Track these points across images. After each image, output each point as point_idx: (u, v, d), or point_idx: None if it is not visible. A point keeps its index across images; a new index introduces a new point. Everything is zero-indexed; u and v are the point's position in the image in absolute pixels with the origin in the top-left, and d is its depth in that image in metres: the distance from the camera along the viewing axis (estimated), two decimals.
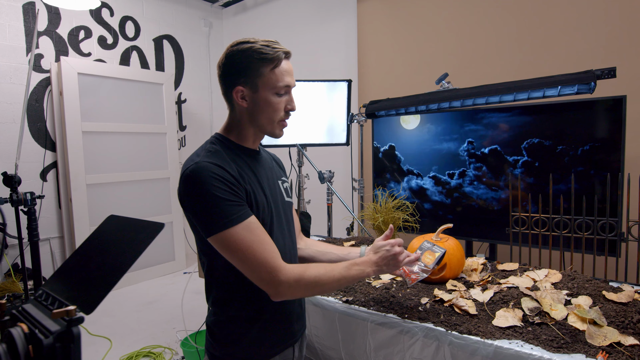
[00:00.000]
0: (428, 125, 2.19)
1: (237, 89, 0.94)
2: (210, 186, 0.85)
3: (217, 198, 0.84)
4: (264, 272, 0.86)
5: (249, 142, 1.01)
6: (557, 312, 1.04)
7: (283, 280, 0.86)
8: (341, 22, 3.50)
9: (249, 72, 0.92)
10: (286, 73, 0.95)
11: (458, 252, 1.34)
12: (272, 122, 0.97)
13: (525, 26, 2.54)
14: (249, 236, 0.85)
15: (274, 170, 1.09)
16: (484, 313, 1.10)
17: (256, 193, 0.94)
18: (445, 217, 2.18)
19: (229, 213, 0.85)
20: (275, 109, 0.95)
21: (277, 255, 0.89)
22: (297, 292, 0.91)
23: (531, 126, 1.91)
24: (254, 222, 0.89)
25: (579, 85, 1.50)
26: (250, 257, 0.85)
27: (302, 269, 0.90)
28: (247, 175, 0.94)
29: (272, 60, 0.92)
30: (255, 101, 0.94)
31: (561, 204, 1.60)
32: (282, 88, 0.94)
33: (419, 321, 1.09)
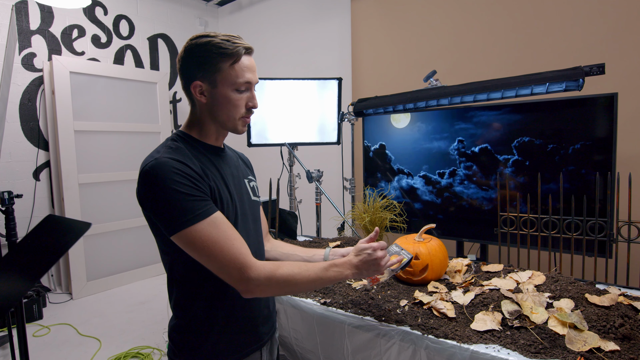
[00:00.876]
0: (418, 124, 2.16)
1: (195, 83, 0.91)
2: (172, 182, 0.81)
3: (180, 194, 0.81)
4: (234, 269, 0.82)
5: (211, 139, 0.98)
6: (538, 315, 1.00)
7: (253, 277, 0.83)
8: (335, 20, 3.47)
9: (207, 67, 0.89)
10: (247, 69, 0.91)
11: (441, 253, 1.31)
12: (233, 119, 0.94)
13: (518, 23, 2.51)
14: (216, 232, 0.82)
15: (239, 169, 1.06)
16: (463, 316, 1.07)
17: (220, 190, 0.91)
18: (435, 216, 2.15)
19: (192, 209, 0.81)
20: (235, 106, 0.92)
21: (246, 251, 0.85)
22: (269, 290, 0.87)
23: (522, 124, 1.87)
24: (220, 217, 0.85)
25: (567, 82, 1.47)
26: (218, 254, 0.82)
27: (274, 267, 0.87)
28: (211, 172, 0.92)
29: (232, 55, 0.89)
30: (214, 97, 0.91)
31: (549, 204, 1.56)
32: (242, 84, 0.91)
33: (395, 324, 1.06)
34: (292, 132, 2.51)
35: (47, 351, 2.47)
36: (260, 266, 0.85)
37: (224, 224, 0.85)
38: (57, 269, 3.47)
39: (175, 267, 0.91)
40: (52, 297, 3.30)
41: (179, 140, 0.94)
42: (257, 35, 4.11)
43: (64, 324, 2.83)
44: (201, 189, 0.85)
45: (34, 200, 3.35)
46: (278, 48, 3.95)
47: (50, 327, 2.78)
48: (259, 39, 4.09)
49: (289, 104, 2.49)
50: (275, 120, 2.48)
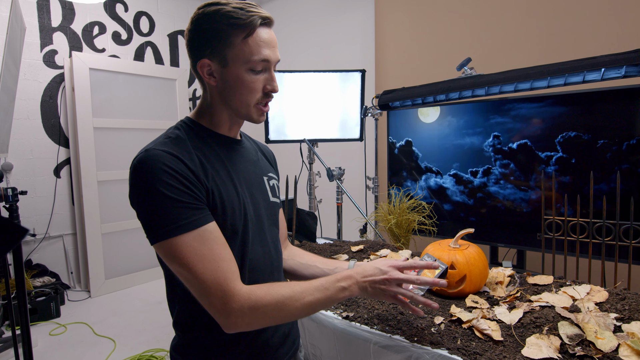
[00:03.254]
0: (449, 118, 1.99)
1: (202, 62, 0.76)
2: (158, 181, 0.67)
3: (165, 197, 0.67)
4: (214, 296, 0.68)
5: (224, 129, 0.84)
6: (604, 342, 0.83)
7: (235, 309, 0.68)
8: (358, 11, 3.32)
9: (215, 41, 0.74)
10: (264, 44, 0.75)
11: (480, 262, 1.15)
12: (247, 105, 0.79)
13: (556, 5, 2.28)
14: (201, 248, 0.68)
15: (259, 165, 0.92)
16: (511, 339, 0.90)
17: (223, 191, 0.77)
18: (467, 219, 1.97)
19: (178, 217, 0.68)
20: (250, 89, 0.77)
21: (232, 275, 0.70)
22: (255, 322, 0.72)
23: (567, 118, 1.68)
24: (212, 230, 0.71)
25: (627, 66, 1.27)
26: (198, 276, 0.68)
27: (262, 293, 0.71)
28: (215, 169, 0.78)
29: (245, 26, 0.73)
30: (225, 78, 0.77)
31: (604, 207, 1.37)
32: (258, 63, 0.76)
33: (430, 346, 0.91)
34: (312, 127, 2.38)
35: (62, 351, 2.43)
36: (246, 294, 0.70)
37: (214, 240, 0.70)
38: (76, 266, 3.47)
39: (176, 279, 0.76)
40: (71, 295, 3.29)
41: (182, 128, 0.80)
42: (278, 29, 3.98)
43: (81, 322, 2.80)
44: (193, 193, 0.71)
45: (54, 197, 3.35)
46: (299, 42, 3.84)
47: (67, 326, 2.75)
48: (280, 32, 3.98)
49: (309, 98, 2.35)
50: (295, 116, 2.35)
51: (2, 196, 1.29)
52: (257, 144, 1.00)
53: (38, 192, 3.27)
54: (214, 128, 0.83)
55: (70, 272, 3.44)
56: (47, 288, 2.98)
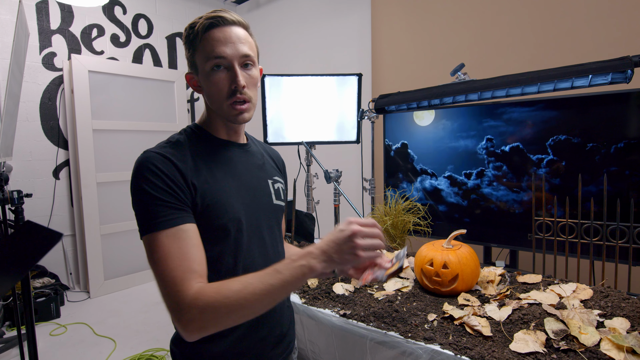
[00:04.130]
0: (443, 122, 2.03)
1: (187, 77, 0.87)
2: (145, 180, 0.73)
3: (148, 195, 0.73)
4: (169, 295, 0.68)
5: (222, 132, 0.89)
6: (588, 336, 0.88)
7: (184, 309, 0.66)
8: (355, 15, 3.37)
9: (188, 53, 0.84)
10: (216, 42, 0.80)
11: (472, 261, 1.19)
12: (221, 105, 0.84)
13: (549, 12, 2.34)
14: (170, 246, 0.70)
15: (264, 168, 0.95)
16: (500, 334, 0.95)
17: (215, 193, 0.80)
18: (461, 220, 2.02)
19: (156, 214, 0.72)
20: (216, 88, 0.82)
21: (190, 275, 0.69)
22: (208, 324, 0.67)
23: (557, 121, 1.73)
24: (186, 230, 0.73)
25: (614, 73, 1.32)
26: (161, 271, 0.69)
27: (212, 291, 0.68)
28: (211, 171, 0.82)
29: (199, 32, 0.81)
30: (201, 84, 0.85)
31: (591, 208, 1.42)
32: (214, 59, 0.80)
33: (424, 342, 0.96)
34: (310, 130, 2.42)
35: (62, 351, 2.45)
36: (195, 294, 0.67)
37: (186, 239, 0.72)
38: (75, 267, 3.49)
39: None
40: (71, 296, 3.31)
41: (185, 132, 0.87)
42: (275, 32, 4.05)
43: (81, 323, 2.82)
44: (175, 194, 0.74)
45: (53, 199, 3.37)
46: (296, 45, 3.88)
47: (67, 326, 2.77)
48: (277, 36, 4.02)
49: (306, 101, 2.40)
50: (293, 119, 2.40)
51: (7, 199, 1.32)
52: (265, 148, 1.04)
53: (37, 194, 3.29)
54: (213, 132, 0.89)
55: (70, 273, 3.46)
56: (47, 289, 3.01)
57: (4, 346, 2.41)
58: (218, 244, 0.81)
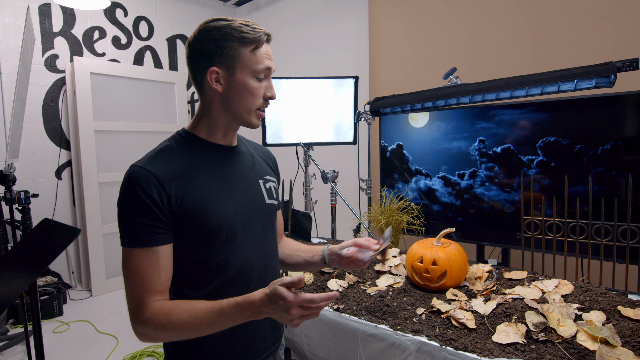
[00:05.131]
0: (437, 123, 2.09)
1: (211, 69, 0.84)
2: (128, 201, 0.79)
3: (130, 215, 0.79)
4: (131, 306, 0.79)
5: (219, 136, 0.91)
6: (565, 328, 0.94)
7: (139, 323, 0.78)
8: (352, 18, 3.42)
9: (225, 51, 0.83)
10: (267, 56, 0.87)
11: (460, 258, 1.25)
12: (249, 110, 0.88)
13: (543, 17, 2.40)
14: (141, 264, 0.78)
15: (254, 169, 0.98)
16: (483, 327, 1.01)
17: (206, 198, 0.84)
18: (455, 219, 2.07)
19: (135, 233, 0.79)
20: (253, 95, 0.87)
21: (154, 294, 0.79)
22: (157, 339, 0.80)
23: (547, 124, 1.78)
24: (158, 251, 0.80)
25: (598, 78, 1.38)
26: (128, 283, 0.79)
27: (163, 316, 0.77)
28: (200, 177, 0.85)
29: (253, 41, 0.84)
30: (232, 85, 0.85)
31: (577, 208, 1.48)
32: (263, 71, 0.86)
33: (412, 334, 1.01)
34: (307, 131, 2.48)
35: (65, 347, 2.51)
36: (151, 314, 0.77)
37: (155, 260, 0.79)
38: (77, 266, 3.55)
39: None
40: (73, 294, 3.37)
41: (174, 139, 0.89)
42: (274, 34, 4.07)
43: (83, 320, 2.88)
44: (155, 215, 0.79)
45: (56, 198, 3.42)
46: (295, 47, 3.93)
47: (70, 324, 2.83)
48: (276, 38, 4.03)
49: (305, 103, 2.45)
50: (291, 120, 2.45)
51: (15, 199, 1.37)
52: (255, 147, 1.06)
53: (40, 194, 3.33)
54: (208, 137, 0.90)
55: (72, 272, 3.52)
56: (50, 287, 3.06)
57: (9, 343, 2.47)
58: (209, 247, 0.85)
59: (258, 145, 1.09)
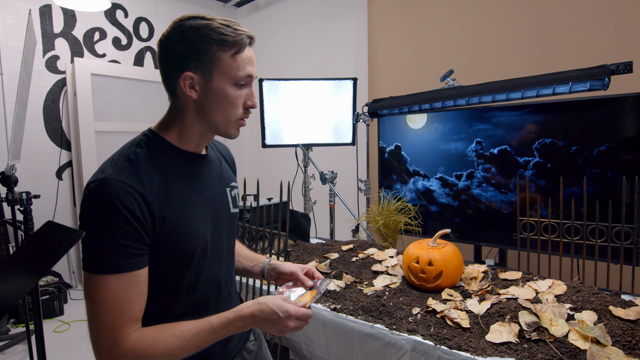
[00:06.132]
0: (435, 125, 2.11)
1: (185, 75, 0.75)
2: (105, 218, 0.67)
3: (105, 235, 0.67)
4: (103, 340, 0.68)
5: (191, 144, 0.83)
6: (558, 328, 0.95)
7: (119, 356, 0.68)
8: (352, 20, 3.44)
9: (202, 55, 0.74)
10: (249, 61, 0.79)
11: (456, 259, 1.26)
12: (228, 121, 0.80)
13: (539, 20, 2.42)
14: (118, 292, 0.68)
15: (222, 176, 0.92)
16: (477, 327, 1.02)
17: (183, 216, 0.77)
18: (452, 220, 2.09)
19: (109, 257, 0.68)
20: (232, 104, 0.79)
21: (132, 322, 0.70)
22: None
23: (543, 125, 1.80)
24: (137, 276, 0.71)
25: (592, 81, 1.40)
26: (99, 314, 0.68)
27: (147, 344, 0.70)
28: (176, 192, 0.77)
29: (234, 44, 0.75)
30: (208, 92, 0.77)
31: (572, 209, 1.49)
32: (243, 78, 0.78)
33: (407, 333, 1.03)
34: (306, 133, 2.50)
35: (66, 347, 2.53)
36: (131, 345, 0.69)
37: (134, 286, 0.70)
38: (78, 266, 3.57)
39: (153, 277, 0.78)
40: (74, 294, 3.39)
41: (146, 145, 0.78)
42: (274, 35, 4.12)
43: (84, 320, 2.90)
44: (139, 235, 0.70)
45: (56, 199, 3.44)
46: (294, 48, 3.95)
47: (71, 323, 2.85)
48: (276, 39, 4.09)
49: (304, 104, 2.47)
50: (290, 121, 2.47)
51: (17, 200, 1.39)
52: (219, 149, 0.98)
53: (41, 194, 3.34)
54: (180, 144, 0.82)
55: (73, 272, 3.54)
56: (51, 287, 3.08)
57: (10, 342, 2.49)
58: (181, 267, 0.79)
59: (219, 144, 1.01)
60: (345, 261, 1.55)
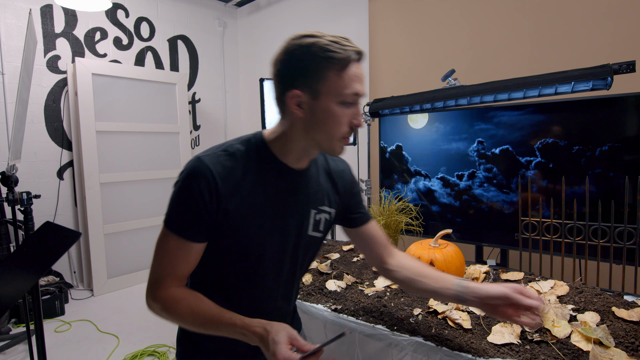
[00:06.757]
0: (436, 125, 2.10)
1: (292, 93, 0.77)
2: (185, 192, 0.78)
3: (180, 204, 0.79)
4: (151, 282, 0.82)
5: (291, 158, 0.85)
6: (560, 329, 0.95)
7: (151, 298, 0.81)
8: (352, 20, 3.43)
9: (309, 73, 0.76)
10: (356, 78, 0.77)
11: (457, 259, 1.26)
12: (332, 138, 0.80)
13: (541, 19, 2.41)
14: (171, 250, 0.80)
15: (313, 197, 0.90)
16: (479, 327, 1.02)
17: (244, 221, 0.81)
18: (454, 220, 2.09)
19: (178, 220, 0.79)
20: (337, 122, 0.78)
21: (172, 279, 0.81)
22: (159, 315, 0.83)
23: (545, 125, 1.79)
24: (191, 247, 0.80)
25: (594, 80, 1.39)
26: (156, 259, 0.82)
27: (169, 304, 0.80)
28: (252, 194, 0.81)
29: (341, 61, 0.75)
30: (314, 111, 0.78)
31: (574, 209, 1.49)
32: (350, 96, 0.77)
33: (408, 334, 1.03)
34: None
35: (67, 347, 2.53)
36: (163, 297, 0.81)
37: (185, 254, 0.80)
38: (79, 266, 3.57)
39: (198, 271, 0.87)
40: (75, 294, 3.39)
41: (247, 144, 0.84)
42: (274, 35, 4.11)
43: (85, 320, 2.90)
44: (201, 216, 0.78)
45: (57, 199, 3.44)
46: None
47: (72, 323, 2.85)
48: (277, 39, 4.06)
49: None
50: None
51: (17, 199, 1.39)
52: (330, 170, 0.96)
53: (42, 194, 3.34)
54: (279, 154, 0.84)
55: (74, 272, 3.54)
56: (52, 287, 3.08)
57: (11, 342, 2.49)
58: (231, 266, 0.85)
59: (334, 162, 0.98)
60: (346, 261, 1.55)
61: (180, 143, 4.00)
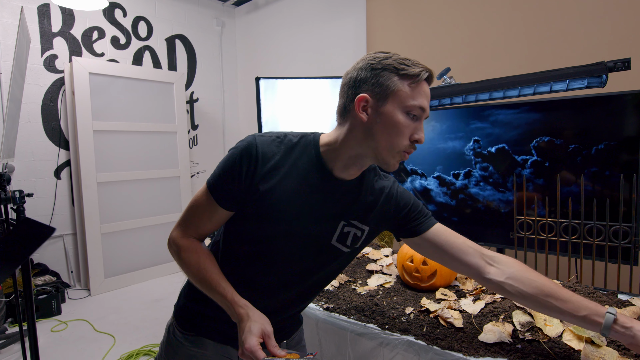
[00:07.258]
0: (432, 123, 2.09)
1: (361, 96, 0.79)
2: (230, 159, 0.84)
3: (222, 170, 0.85)
4: (179, 223, 0.91)
5: (337, 165, 0.85)
6: (552, 328, 0.94)
7: (172, 239, 0.91)
8: (351, 19, 3.43)
9: (380, 80, 0.78)
10: (424, 94, 0.80)
11: None
12: (391, 148, 0.80)
13: (535, 19, 2.40)
14: (202, 205, 0.88)
15: (347, 209, 0.88)
16: (471, 326, 1.01)
17: (268, 205, 0.84)
18: (450, 219, 2.08)
19: (216, 182, 0.86)
20: (399, 132, 0.78)
21: (194, 230, 0.90)
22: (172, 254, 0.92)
23: (541, 123, 1.78)
24: (218, 210, 0.87)
25: (590, 78, 1.38)
26: (190, 206, 0.90)
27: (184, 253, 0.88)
28: (281, 186, 0.83)
29: (412, 75, 0.78)
30: (378, 116, 0.78)
31: (569, 207, 1.48)
32: (415, 108, 0.78)
33: (399, 333, 1.02)
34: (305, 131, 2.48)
35: (63, 346, 2.52)
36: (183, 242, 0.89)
37: (212, 214, 0.88)
38: (76, 265, 3.56)
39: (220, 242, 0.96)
40: (71, 293, 3.38)
41: (301, 139, 0.87)
42: (272, 34, 4.11)
43: (81, 319, 2.89)
44: (235, 187, 0.84)
45: (55, 198, 3.44)
46: (293, 47, 3.94)
47: (68, 323, 2.84)
48: (275, 38, 4.08)
49: (302, 103, 2.46)
50: (288, 120, 2.46)
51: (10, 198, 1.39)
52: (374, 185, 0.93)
53: (39, 194, 3.35)
54: (328, 160, 0.85)
55: (71, 271, 3.54)
56: (49, 286, 3.08)
57: (6, 342, 2.48)
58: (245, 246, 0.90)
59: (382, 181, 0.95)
60: None
61: (178, 142, 3.99)
